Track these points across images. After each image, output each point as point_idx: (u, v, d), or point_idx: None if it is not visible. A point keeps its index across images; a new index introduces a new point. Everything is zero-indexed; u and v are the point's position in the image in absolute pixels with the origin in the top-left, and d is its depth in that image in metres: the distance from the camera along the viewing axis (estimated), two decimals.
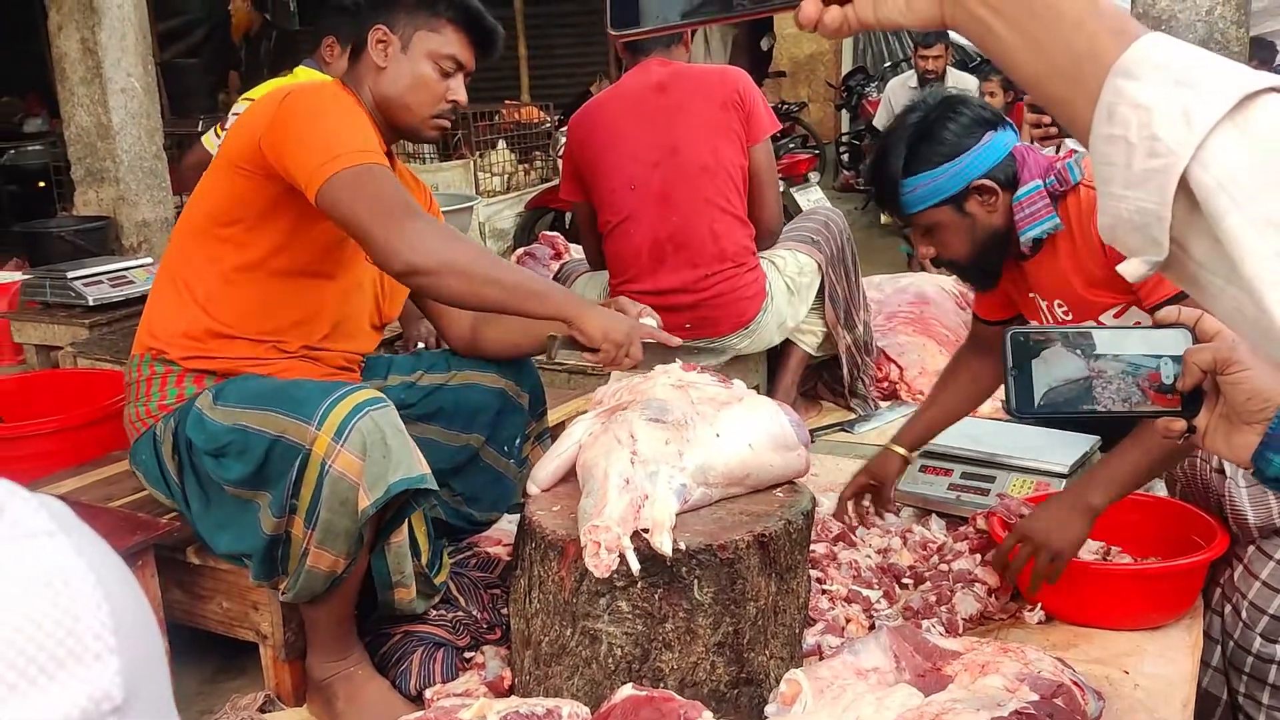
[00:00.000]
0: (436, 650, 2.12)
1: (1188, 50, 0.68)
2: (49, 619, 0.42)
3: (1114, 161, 0.69)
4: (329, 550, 1.91)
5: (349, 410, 1.87)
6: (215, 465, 1.99)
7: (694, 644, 1.78)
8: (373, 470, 1.85)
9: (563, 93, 10.30)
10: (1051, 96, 0.75)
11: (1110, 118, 0.68)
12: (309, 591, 1.96)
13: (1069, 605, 2.16)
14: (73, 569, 0.44)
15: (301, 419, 1.89)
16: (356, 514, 1.87)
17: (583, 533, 1.73)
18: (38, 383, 3.15)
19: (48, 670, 0.41)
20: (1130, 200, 0.68)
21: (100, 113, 5.00)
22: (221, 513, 2.03)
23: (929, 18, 0.78)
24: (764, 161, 3.32)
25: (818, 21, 0.81)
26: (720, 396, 1.95)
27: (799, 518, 1.89)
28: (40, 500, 0.47)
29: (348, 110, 2.06)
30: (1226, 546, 2.10)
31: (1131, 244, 0.70)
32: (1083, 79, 0.71)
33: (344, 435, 1.85)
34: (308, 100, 2.02)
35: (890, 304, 4.09)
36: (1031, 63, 0.74)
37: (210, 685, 2.28)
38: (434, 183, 6.62)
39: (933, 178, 2.15)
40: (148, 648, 0.47)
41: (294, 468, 1.88)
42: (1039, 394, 1.10)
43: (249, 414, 1.96)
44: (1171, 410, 1.10)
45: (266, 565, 1.99)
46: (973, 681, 1.75)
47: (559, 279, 3.81)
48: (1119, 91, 0.68)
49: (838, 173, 10.66)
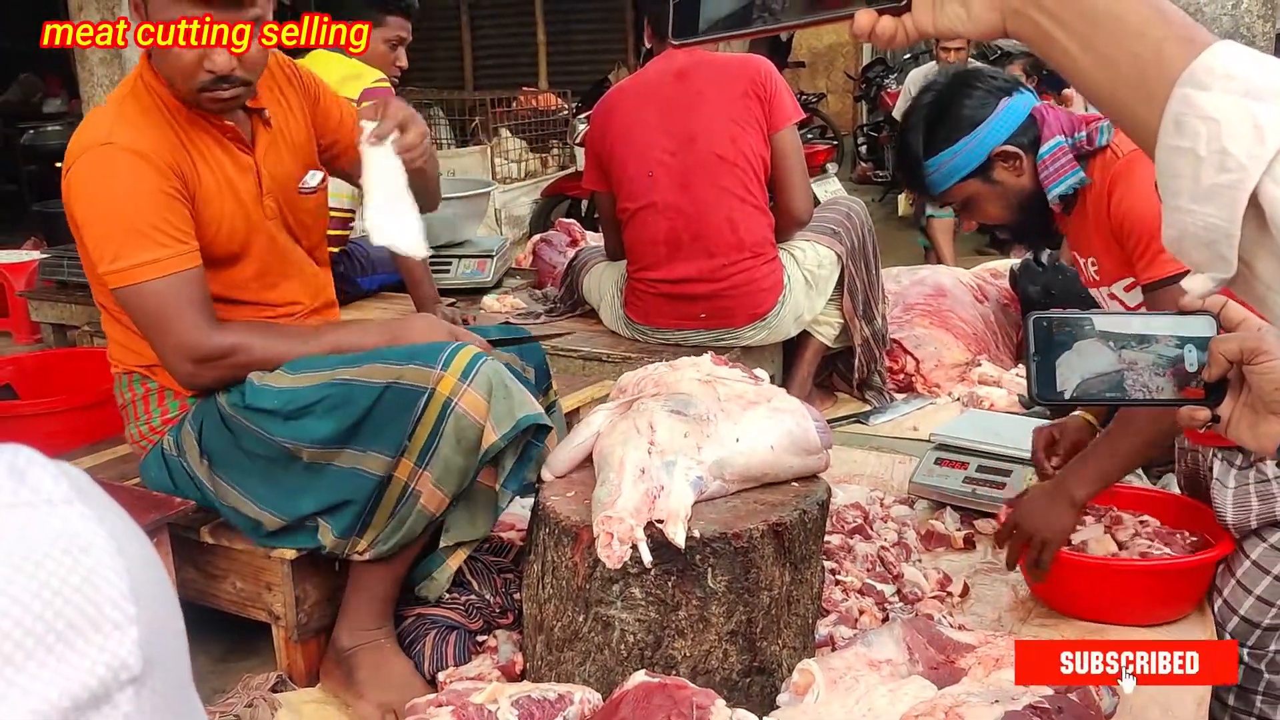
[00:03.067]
0: (449, 633, 2.12)
1: (1259, 59, 0.66)
2: (68, 586, 0.41)
3: (1181, 174, 0.66)
4: (442, 488, 1.95)
5: (470, 356, 1.93)
6: (293, 429, 1.98)
7: (707, 632, 1.78)
8: (499, 409, 1.91)
9: (581, 80, 10.27)
10: (1116, 107, 0.72)
11: (1178, 129, 0.66)
12: (409, 536, 2.00)
13: (1074, 600, 2.15)
14: (93, 537, 0.43)
15: (422, 364, 1.93)
16: (476, 452, 1.92)
17: (596, 522, 1.72)
18: (54, 361, 3.17)
19: (66, 638, 0.41)
20: (1198, 215, 0.66)
21: None
22: (294, 480, 2.02)
23: (990, 26, 0.77)
24: (789, 148, 3.29)
25: (871, 32, 0.80)
26: (748, 395, 1.94)
27: (814, 508, 1.88)
28: (61, 468, 0.46)
29: (126, 192, 1.97)
30: (1233, 545, 2.09)
31: (1197, 259, 0.68)
32: (1148, 88, 0.68)
33: (470, 377, 1.91)
34: (88, 181, 1.98)
35: (908, 296, 4.07)
36: (1095, 72, 0.72)
37: (222, 665, 2.29)
38: (450, 169, 6.62)
39: (953, 154, 2.18)
40: (167, 618, 0.47)
41: (415, 409, 1.91)
42: (1061, 381, 1.08)
43: (345, 370, 1.98)
44: (1195, 400, 1.09)
45: (355, 519, 1.99)
46: (986, 675, 1.74)
47: (574, 266, 3.80)
48: (1187, 101, 0.66)
49: (855, 164, 10.63)
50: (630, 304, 3.40)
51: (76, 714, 0.40)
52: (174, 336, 1.97)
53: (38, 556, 0.41)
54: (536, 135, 7.62)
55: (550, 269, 4.42)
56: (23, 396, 2.98)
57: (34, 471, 0.45)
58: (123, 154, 1.97)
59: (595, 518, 1.73)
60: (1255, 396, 1.04)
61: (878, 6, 0.82)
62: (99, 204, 1.97)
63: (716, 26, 0.88)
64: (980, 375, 3.67)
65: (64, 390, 2.90)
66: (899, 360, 3.76)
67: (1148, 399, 1.08)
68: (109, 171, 1.97)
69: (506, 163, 7.06)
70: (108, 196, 1.97)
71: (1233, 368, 1.05)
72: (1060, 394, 1.08)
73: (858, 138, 10.80)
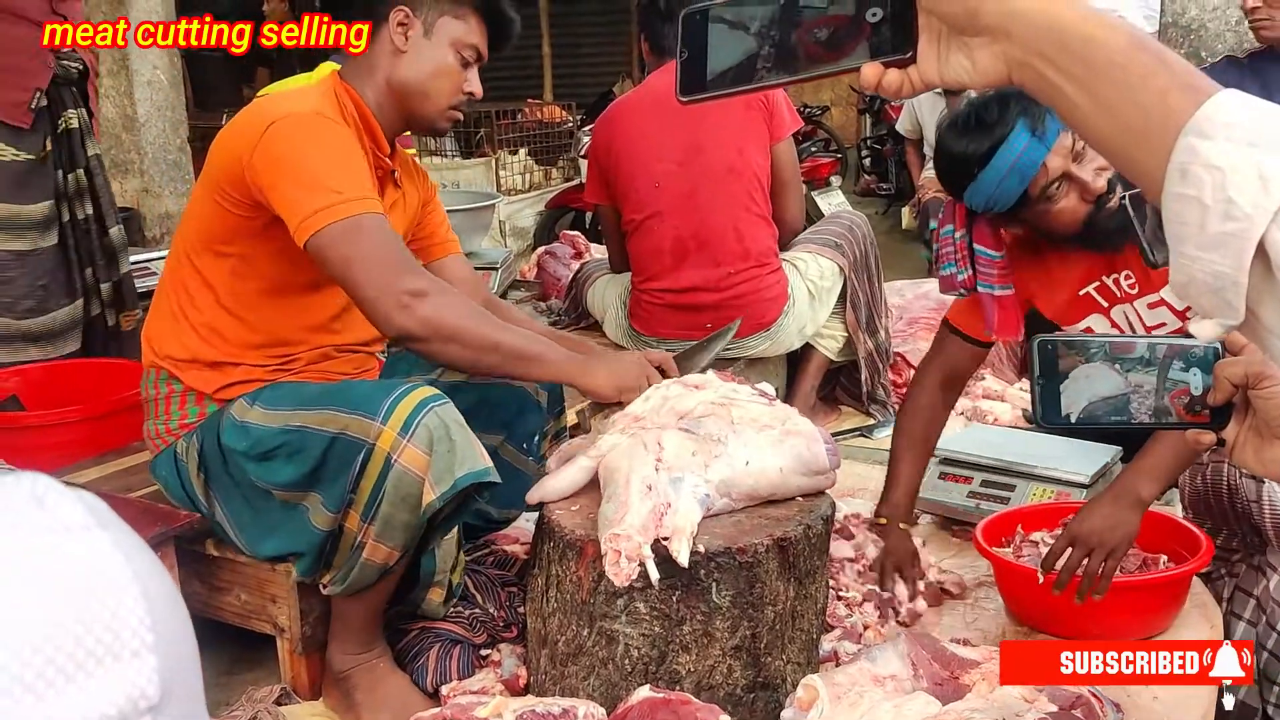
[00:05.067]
0: (453, 647, 2.12)
1: (1262, 107, 0.67)
2: (88, 615, 0.42)
3: (1187, 221, 0.67)
4: (385, 544, 1.91)
5: (414, 406, 1.86)
6: (263, 470, 1.98)
7: (711, 647, 1.78)
8: (439, 465, 1.85)
9: (586, 92, 10.29)
10: (1122, 156, 0.73)
11: (1183, 178, 0.67)
12: (359, 584, 1.96)
13: (1050, 617, 2.14)
14: (111, 564, 0.44)
15: (364, 415, 1.87)
16: (419, 508, 1.87)
17: (603, 540, 1.72)
18: (61, 372, 3.16)
19: (86, 667, 0.41)
20: (1204, 263, 0.67)
21: (126, 104, 5.04)
22: (269, 518, 2.02)
23: (996, 77, 0.77)
24: (786, 160, 3.31)
25: (878, 84, 0.81)
26: (762, 418, 1.92)
27: (819, 523, 1.88)
28: (77, 494, 0.47)
29: (339, 146, 1.98)
30: (1211, 559, 2.07)
31: (1205, 305, 0.69)
32: (1152, 137, 0.69)
33: (410, 430, 1.84)
34: (296, 132, 1.94)
35: (911, 309, 4.07)
36: (1101, 122, 0.73)
37: (226, 677, 2.29)
38: (455, 180, 6.62)
39: None
40: (183, 645, 0.47)
41: (356, 463, 1.87)
42: (1066, 405, 1.09)
43: (302, 414, 1.95)
44: (1200, 424, 1.09)
45: (314, 561, 2.00)
46: (990, 691, 1.74)
47: (578, 279, 3.81)
48: (1192, 151, 0.66)
49: (859, 177, 10.62)
50: (635, 315, 3.41)
51: None
52: (390, 267, 1.89)
53: (57, 584, 0.42)
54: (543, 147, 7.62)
55: (555, 281, 4.42)
56: (29, 408, 2.98)
57: (52, 498, 0.45)
58: (333, 124, 2.00)
59: (602, 535, 1.73)
60: (1261, 421, 1.05)
61: (883, 59, 0.82)
62: (312, 152, 1.93)
63: (722, 83, 0.89)
64: (984, 390, 3.67)
65: (70, 402, 2.90)
66: (903, 374, 3.75)
67: (1152, 423, 1.09)
68: (322, 129, 1.97)
69: (511, 174, 7.06)
70: (322, 146, 1.94)
71: (1238, 392, 1.06)
72: (1065, 417, 1.08)
73: (861, 150, 10.79)
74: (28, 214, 3.18)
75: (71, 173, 3.28)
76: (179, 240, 2.15)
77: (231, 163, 1.98)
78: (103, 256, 3.36)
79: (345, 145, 1.99)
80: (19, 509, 0.44)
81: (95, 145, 3.35)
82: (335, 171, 1.92)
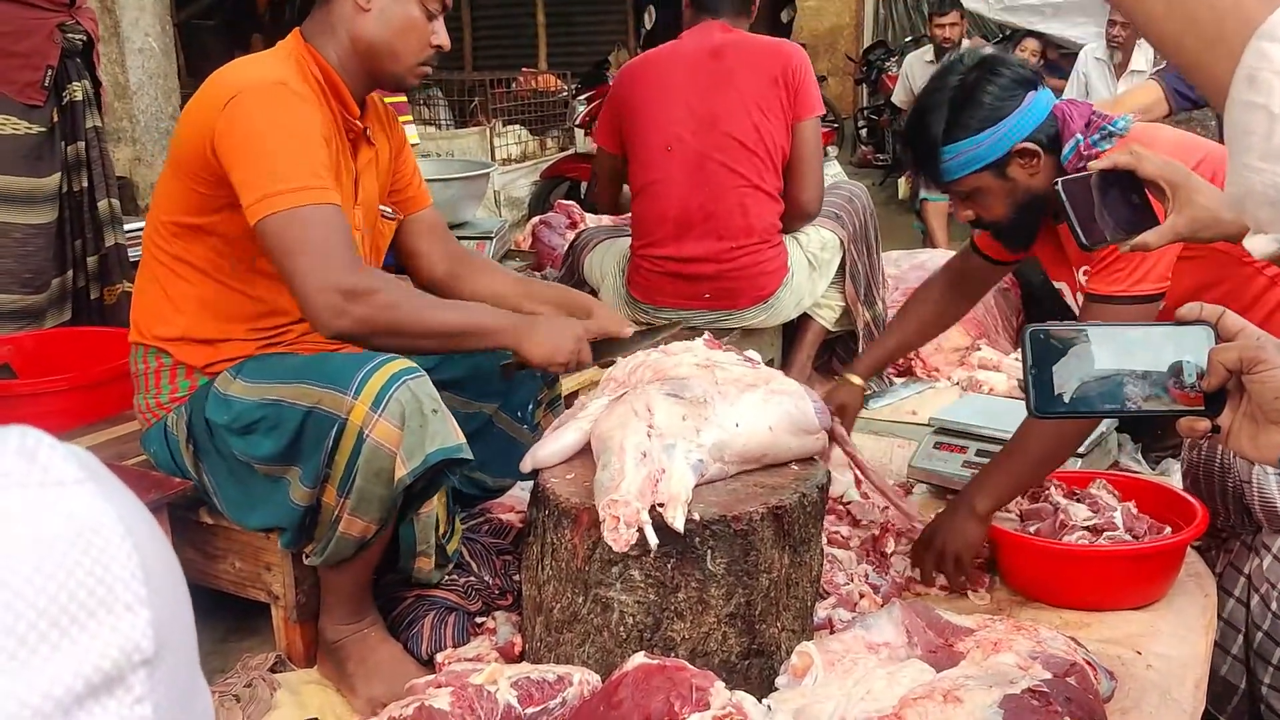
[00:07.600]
0: (448, 615, 2.12)
1: None
2: (80, 568, 0.41)
3: (1253, 130, 0.65)
4: (361, 517, 1.90)
5: (386, 379, 1.85)
6: (244, 443, 1.97)
7: (706, 614, 1.78)
8: (410, 440, 1.85)
9: (581, 61, 10.23)
10: (1188, 57, 0.70)
11: (1252, 84, 0.64)
12: (337, 556, 1.97)
13: (1047, 587, 2.17)
14: (103, 517, 0.43)
15: (337, 389, 1.86)
16: (392, 483, 1.87)
17: (601, 507, 1.72)
18: (54, 340, 3.15)
19: (79, 620, 0.41)
20: (1266, 174, 0.64)
21: (118, 72, 4.99)
22: (252, 491, 2.02)
23: None
24: (809, 140, 3.26)
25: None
26: (746, 378, 1.94)
27: (814, 491, 1.88)
28: (69, 449, 0.46)
29: (297, 125, 1.94)
30: (1206, 529, 2.10)
31: (1262, 218, 0.67)
32: (1224, 38, 0.66)
33: (382, 404, 1.84)
34: (255, 109, 1.92)
35: (906, 280, 4.06)
36: (1169, 23, 0.70)
37: (221, 645, 2.29)
38: (449, 150, 6.59)
39: (974, 144, 2.10)
40: (176, 599, 0.46)
41: (329, 437, 1.86)
42: (1060, 393, 1.09)
43: (279, 388, 1.94)
44: (1194, 409, 1.08)
45: (296, 534, 2.00)
46: (985, 659, 1.74)
47: (576, 245, 3.78)
48: (1263, 55, 0.64)
49: (856, 147, 10.60)
50: (633, 282, 3.39)
51: (89, 695, 0.40)
52: (325, 266, 1.86)
53: (49, 538, 0.41)
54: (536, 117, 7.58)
55: (549, 250, 4.41)
56: (21, 376, 2.97)
57: (44, 452, 0.44)
58: (294, 96, 1.96)
59: (599, 502, 1.73)
60: (1255, 406, 1.03)
61: None
62: (268, 131, 1.90)
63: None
64: (980, 360, 3.67)
65: (62, 370, 2.88)
66: None
67: (1147, 410, 1.08)
68: (282, 106, 1.93)
69: (506, 144, 7.03)
70: (278, 126, 1.91)
71: (1232, 377, 1.04)
72: (1059, 398, 1.08)
73: (858, 121, 10.77)
74: (44, 187, 3.21)
75: (72, 144, 3.28)
76: (154, 221, 2.11)
77: (197, 143, 1.96)
78: (91, 229, 3.35)
79: (303, 124, 1.95)
80: (9, 462, 0.43)
81: (95, 117, 3.34)
82: (286, 156, 1.89)
